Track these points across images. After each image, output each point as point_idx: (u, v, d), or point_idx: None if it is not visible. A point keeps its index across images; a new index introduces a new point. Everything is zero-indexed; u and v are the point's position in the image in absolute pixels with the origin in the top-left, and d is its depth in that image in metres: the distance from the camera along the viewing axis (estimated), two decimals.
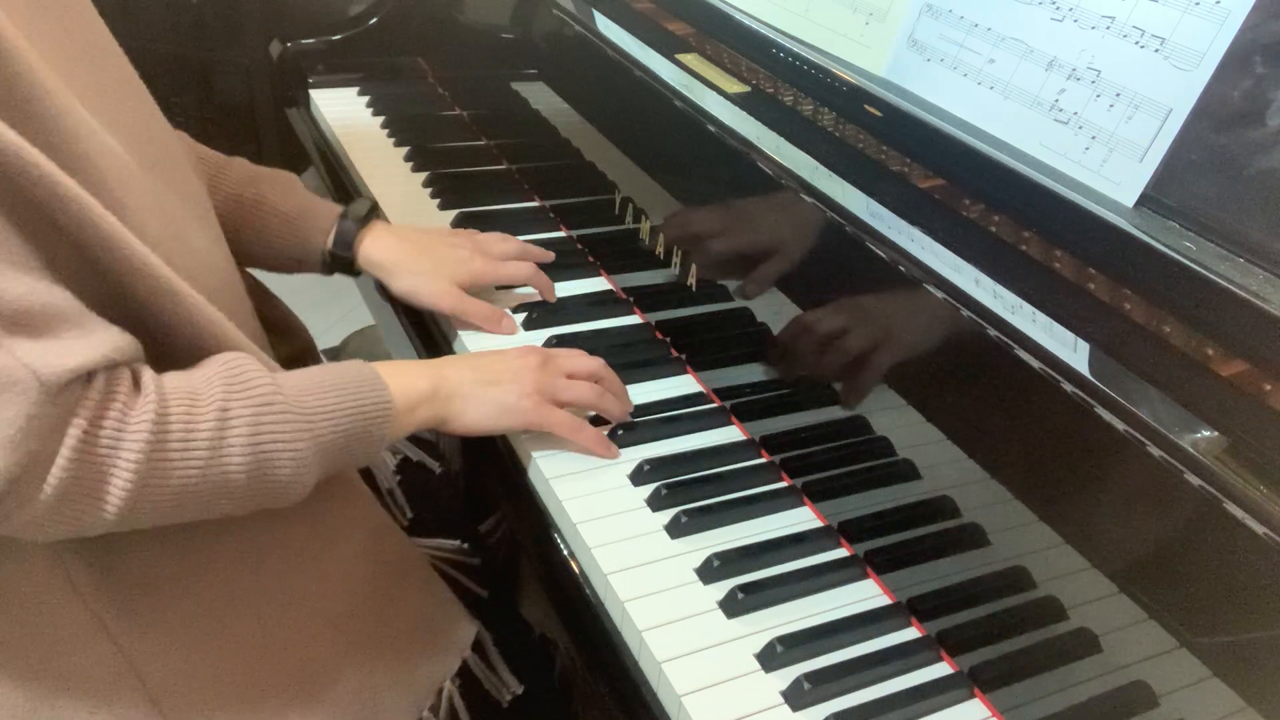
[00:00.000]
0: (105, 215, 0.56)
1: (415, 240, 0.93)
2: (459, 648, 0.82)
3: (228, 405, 0.60)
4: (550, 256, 1.00)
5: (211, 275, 0.70)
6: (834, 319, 0.78)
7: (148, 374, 0.59)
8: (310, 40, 1.39)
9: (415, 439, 1.06)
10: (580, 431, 0.79)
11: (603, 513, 0.76)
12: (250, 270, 0.89)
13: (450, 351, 0.95)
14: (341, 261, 0.91)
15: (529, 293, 0.98)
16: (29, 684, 0.64)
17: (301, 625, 0.72)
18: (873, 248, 0.72)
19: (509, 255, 0.96)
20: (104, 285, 0.57)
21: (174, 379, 0.61)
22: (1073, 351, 0.60)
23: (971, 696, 0.67)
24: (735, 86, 0.91)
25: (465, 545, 0.94)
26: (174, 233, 0.65)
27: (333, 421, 0.66)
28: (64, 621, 0.64)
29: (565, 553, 0.76)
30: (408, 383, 0.72)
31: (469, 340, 0.92)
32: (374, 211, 0.94)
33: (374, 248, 0.91)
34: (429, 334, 0.98)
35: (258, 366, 0.64)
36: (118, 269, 0.57)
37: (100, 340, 0.56)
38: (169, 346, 0.62)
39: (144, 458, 0.56)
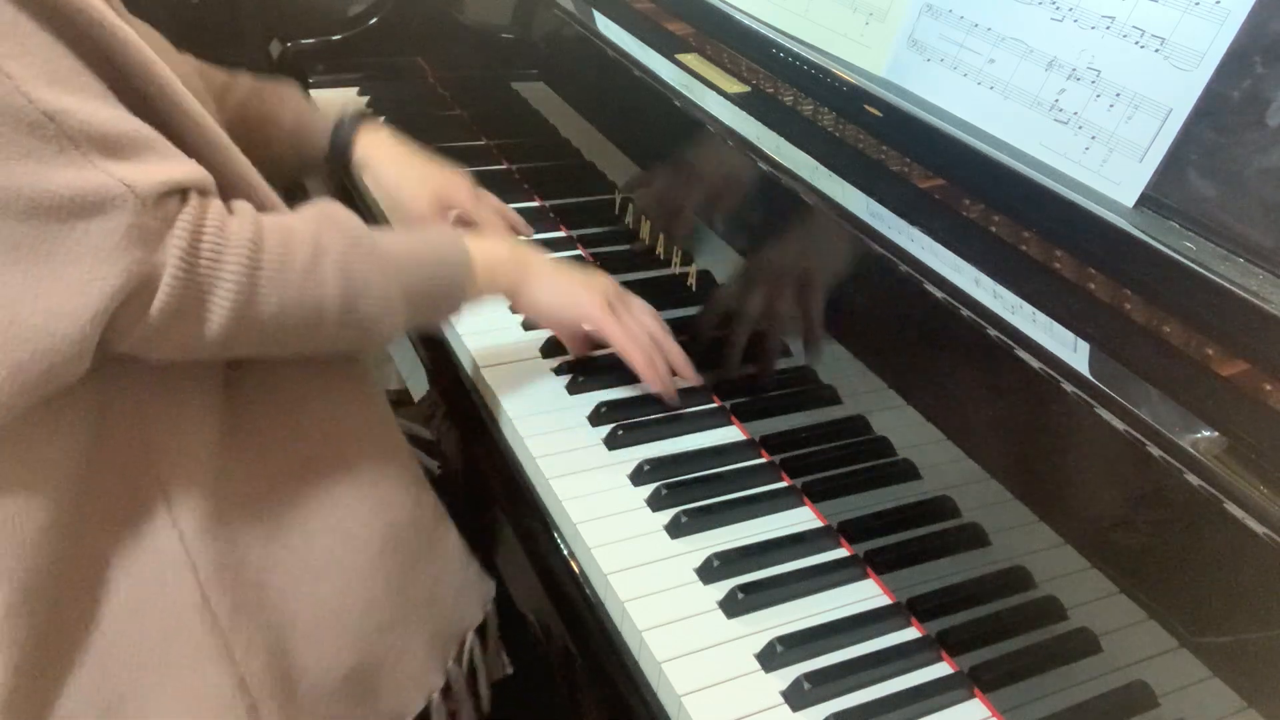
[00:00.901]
0: (159, 64, 0.60)
1: (409, 147, 1.00)
2: (483, 601, 0.83)
3: (320, 239, 0.65)
4: (530, 232, 1.06)
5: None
6: (832, 319, 0.78)
7: (242, 204, 0.64)
8: (310, 40, 1.39)
9: (414, 439, 1.06)
10: (633, 349, 0.82)
11: (603, 513, 0.76)
12: None
13: (450, 348, 0.95)
14: (337, 160, 0.97)
15: None
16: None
17: (343, 555, 0.73)
18: (872, 247, 0.72)
19: (496, 206, 1.02)
20: (166, 131, 0.61)
21: (270, 217, 0.65)
22: (1073, 351, 0.60)
23: (971, 696, 0.67)
24: (735, 86, 0.91)
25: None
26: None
27: (418, 265, 0.72)
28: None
29: (565, 553, 0.76)
30: (489, 247, 0.79)
31: (460, 324, 0.92)
32: (364, 114, 0.99)
33: (367, 148, 0.97)
34: (429, 335, 0.98)
35: (349, 211, 0.69)
36: (173, 115, 0.61)
37: (181, 164, 0.60)
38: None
39: (243, 278, 0.61)
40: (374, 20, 1.40)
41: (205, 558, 0.66)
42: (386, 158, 0.97)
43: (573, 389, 0.88)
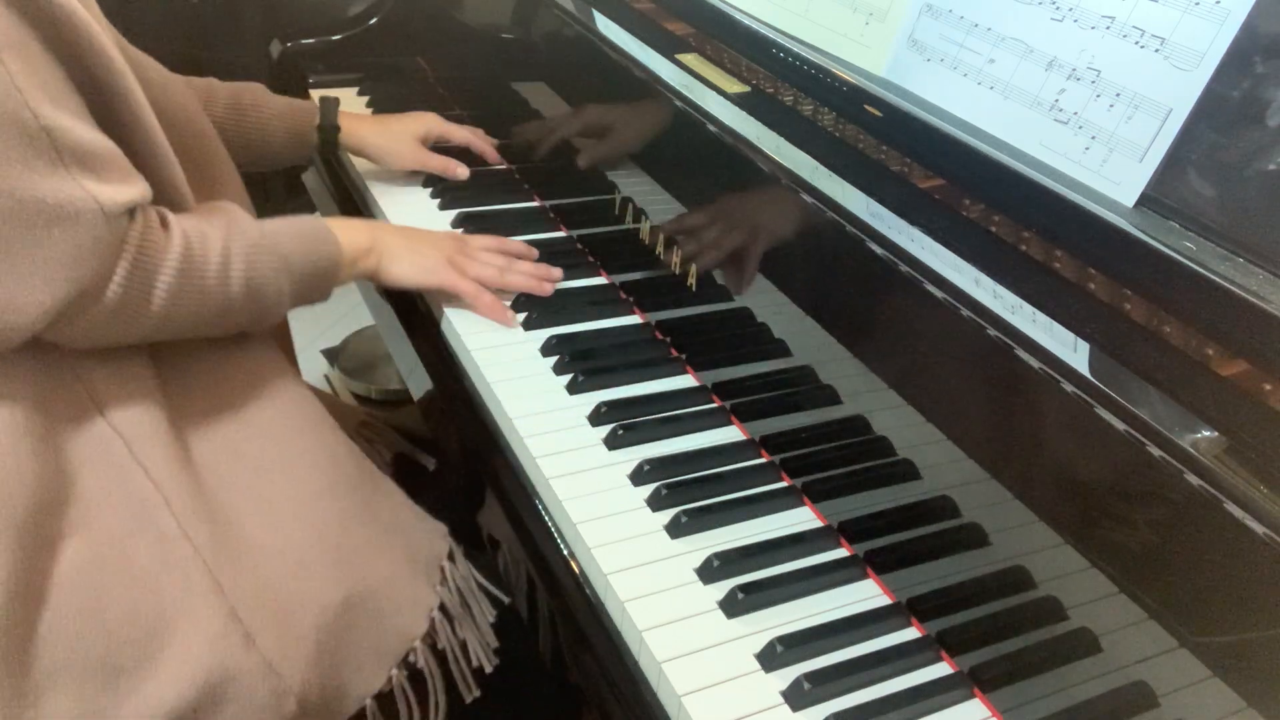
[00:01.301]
0: (138, 91, 0.70)
1: (379, 117, 1.19)
2: (442, 533, 0.86)
3: (228, 244, 0.76)
4: (496, 158, 1.21)
5: (219, 167, 0.89)
6: (832, 320, 0.78)
7: (172, 217, 0.74)
8: (310, 40, 1.39)
9: (411, 436, 1.07)
10: (479, 298, 0.94)
11: (602, 513, 0.76)
12: None
13: (448, 347, 0.95)
14: (328, 138, 1.11)
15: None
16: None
17: (298, 492, 0.79)
18: (872, 248, 0.72)
19: (469, 130, 1.19)
20: (125, 145, 0.70)
21: (188, 221, 0.75)
22: (1073, 351, 0.60)
23: (971, 696, 0.67)
24: (735, 86, 0.91)
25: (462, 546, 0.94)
26: (197, 130, 0.86)
27: (303, 258, 0.83)
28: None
29: (565, 552, 0.76)
30: (352, 236, 0.90)
31: (459, 324, 0.92)
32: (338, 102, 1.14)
33: (351, 121, 1.13)
34: (429, 335, 0.98)
35: (247, 215, 0.81)
36: (136, 132, 0.71)
37: (138, 185, 0.70)
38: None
39: (175, 281, 0.72)
40: (374, 20, 1.40)
41: (162, 473, 0.72)
42: (368, 127, 1.14)
43: (573, 389, 0.88)
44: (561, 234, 1.11)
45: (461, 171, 1.15)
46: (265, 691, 0.71)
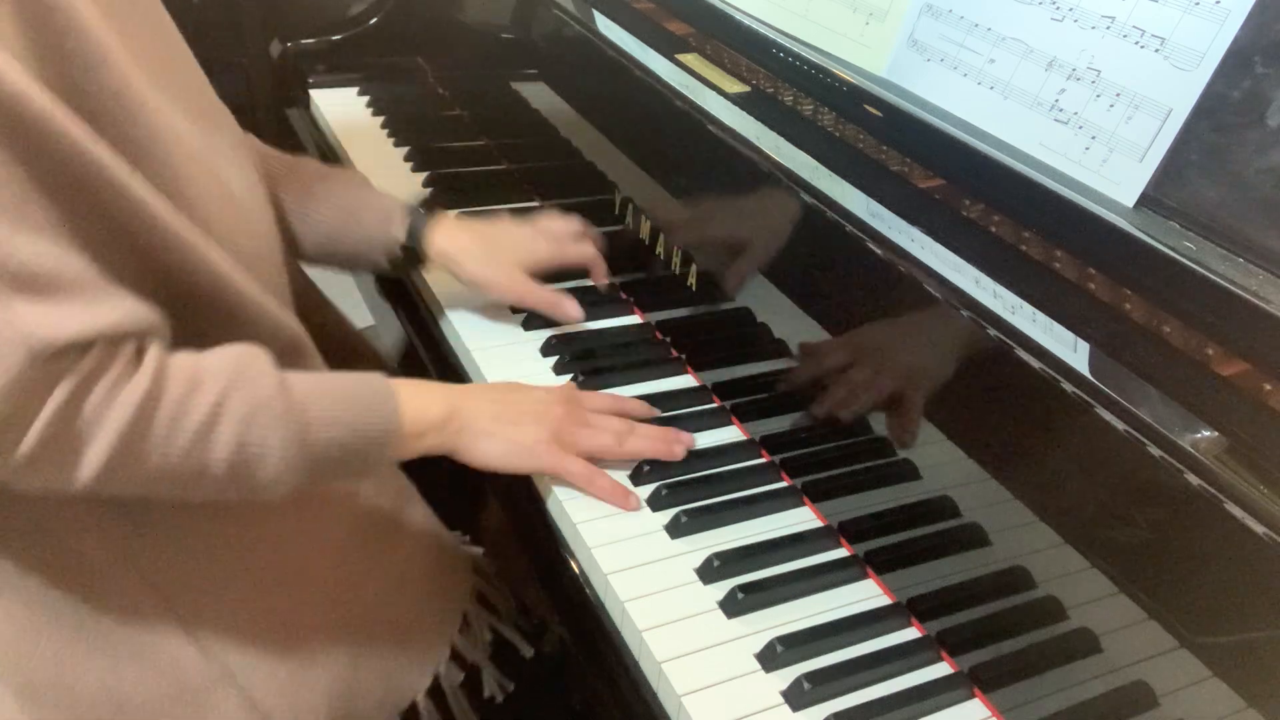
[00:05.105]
0: (135, 183, 0.56)
1: (479, 229, 0.93)
2: (468, 569, 0.83)
3: (225, 398, 0.60)
4: (601, 240, 1.00)
5: (263, 255, 0.71)
6: (833, 320, 0.78)
7: (154, 350, 0.59)
8: (310, 40, 1.39)
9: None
10: (593, 482, 0.76)
11: (602, 512, 0.76)
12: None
13: (448, 347, 0.95)
14: (410, 254, 0.90)
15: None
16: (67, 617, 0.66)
17: (323, 539, 0.74)
18: (872, 248, 0.72)
19: (573, 234, 0.97)
20: (133, 254, 0.58)
21: (182, 359, 0.60)
22: (1073, 351, 0.60)
23: (971, 696, 0.67)
24: (735, 86, 0.91)
25: (466, 536, 0.94)
26: (223, 193, 0.66)
27: (330, 432, 0.64)
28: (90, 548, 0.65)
29: (565, 553, 0.75)
30: (421, 406, 0.71)
31: (468, 338, 0.92)
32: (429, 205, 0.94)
33: (444, 238, 0.90)
34: (429, 335, 0.98)
35: (268, 364, 0.63)
36: (148, 240, 0.58)
37: (108, 311, 0.55)
38: (201, 318, 0.62)
39: (125, 431, 0.56)
40: (374, 20, 1.40)
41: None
42: (463, 254, 0.90)
43: None
44: None
45: (575, 312, 0.93)
46: None
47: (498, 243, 0.92)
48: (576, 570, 0.74)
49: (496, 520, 0.98)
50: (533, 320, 0.95)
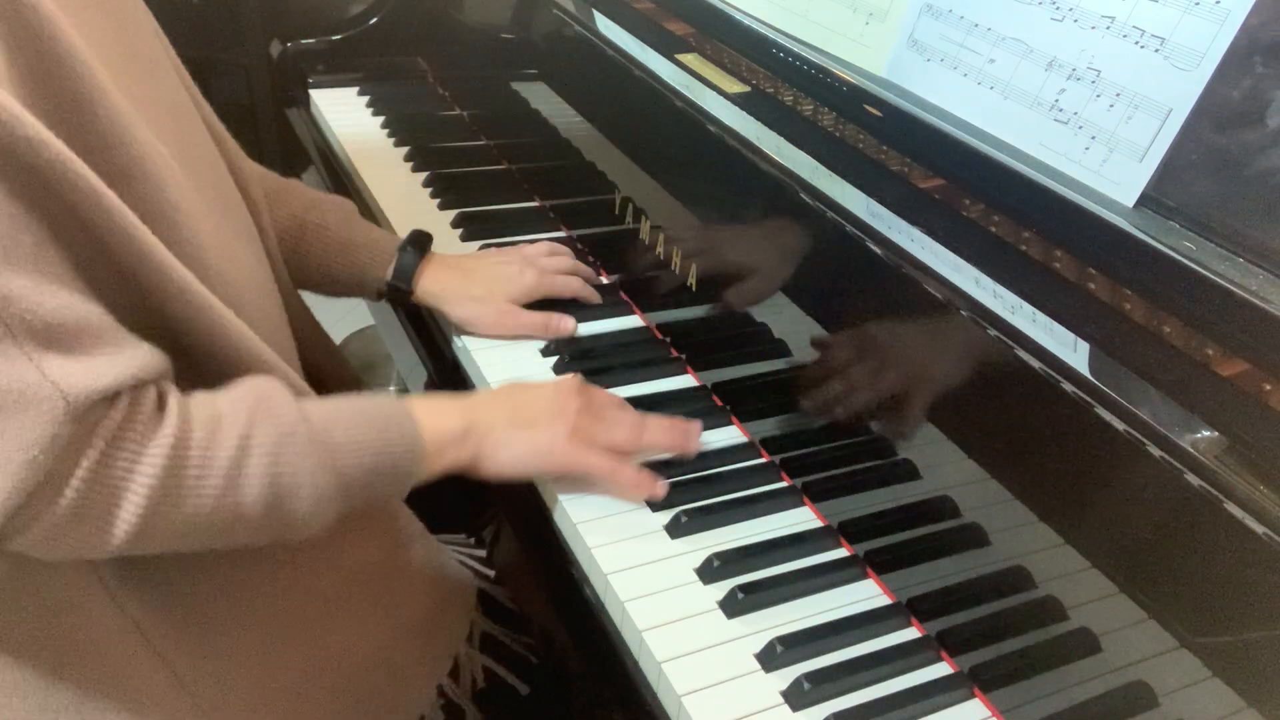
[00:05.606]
0: (142, 229, 0.55)
1: (466, 267, 0.94)
2: (467, 608, 0.83)
3: (250, 432, 0.59)
4: (594, 279, 1.00)
5: (253, 288, 0.70)
6: (833, 320, 0.78)
7: (174, 395, 0.58)
8: (310, 40, 1.39)
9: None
10: (618, 474, 0.75)
11: (602, 513, 0.76)
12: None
13: (451, 353, 0.95)
14: (397, 292, 0.91)
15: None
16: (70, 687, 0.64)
17: (315, 593, 0.73)
18: (872, 248, 0.72)
19: (561, 270, 0.96)
20: (140, 300, 0.57)
21: (200, 400, 0.59)
22: (1073, 351, 0.60)
23: (971, 696, 0.67)
24: (735, 86, 0.91)
25: (471, 539, 0.94)
26: (219, 240, 0.65)
27: (358, 456, 0.63)
28: (97, 621, 0.64)
29: (565, 553, 0.75)
30: (438, 420, 0.70)
31: (469, 339, 0.92)
32: (429, 242, 0.93)
33: (431, 279, 0.91)
34: (429, 335, 0.98)
35: (285, 394, 0.62)
36: (154, 285, 0.57)
37: (130, 359, 0.55)
38: (202, 363, 0.62)
39: (158, 482, 0.55)
40: (374, 20, 1.40)
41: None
42: (449, 286, 0.91)
43: None
44: (561, 234, 1.11)
45: (567, 325, 0.93)
46: None
47: (484, 278, 0.92)
48: (577, 571, 0.74)
49: (499, 523, 0.98)
50: None
